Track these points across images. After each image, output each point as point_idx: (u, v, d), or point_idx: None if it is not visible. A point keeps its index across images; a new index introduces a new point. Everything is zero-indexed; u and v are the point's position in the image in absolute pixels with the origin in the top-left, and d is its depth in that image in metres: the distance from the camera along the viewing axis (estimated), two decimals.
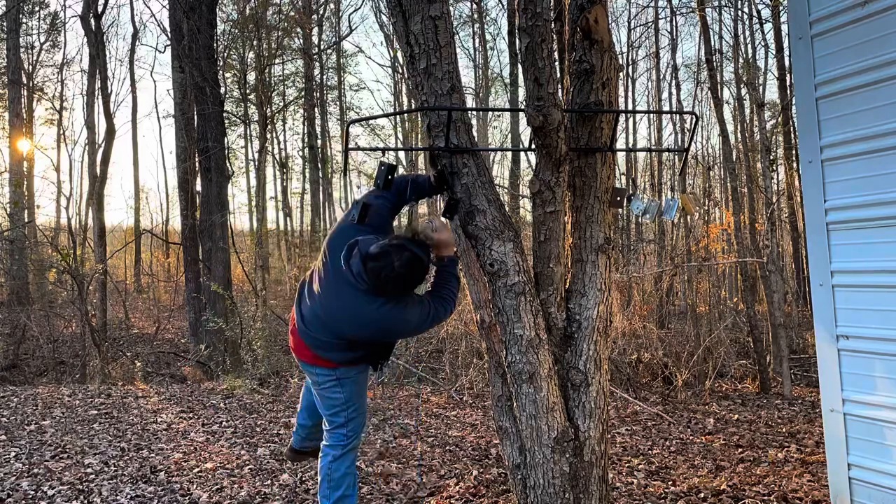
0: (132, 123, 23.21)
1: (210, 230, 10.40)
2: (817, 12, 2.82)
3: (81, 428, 5.39)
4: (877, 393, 2.67)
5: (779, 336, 7.04)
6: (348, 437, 2.93)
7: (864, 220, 2.69)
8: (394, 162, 2.81)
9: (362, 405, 2.97)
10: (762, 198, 9.79)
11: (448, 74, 2.82)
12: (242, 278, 14.62)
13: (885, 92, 2.61)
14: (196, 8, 10.36)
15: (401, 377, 7.95)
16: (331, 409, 2.91)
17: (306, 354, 2.85)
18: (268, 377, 7.69)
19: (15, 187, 16.81)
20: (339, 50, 21.24)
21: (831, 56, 2.78)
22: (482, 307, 2.89)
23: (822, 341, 2.86)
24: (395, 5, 2.84)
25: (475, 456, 4.65)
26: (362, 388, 2.97)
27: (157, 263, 22.86)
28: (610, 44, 2.80)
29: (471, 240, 2.84)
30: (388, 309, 2.59)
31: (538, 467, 2.77)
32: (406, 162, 15.94)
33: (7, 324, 12.36)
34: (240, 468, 4.35)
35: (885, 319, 2.63)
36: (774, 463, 4.32)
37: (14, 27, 16.96)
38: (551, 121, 2.58)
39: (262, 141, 17.11)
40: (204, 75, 10.28)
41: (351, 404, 2.90)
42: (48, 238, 14.87)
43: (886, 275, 2.63)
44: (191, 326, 10.94)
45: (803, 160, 2.94)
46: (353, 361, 2.84)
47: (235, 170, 20.21)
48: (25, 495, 3.82)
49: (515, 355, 2.74)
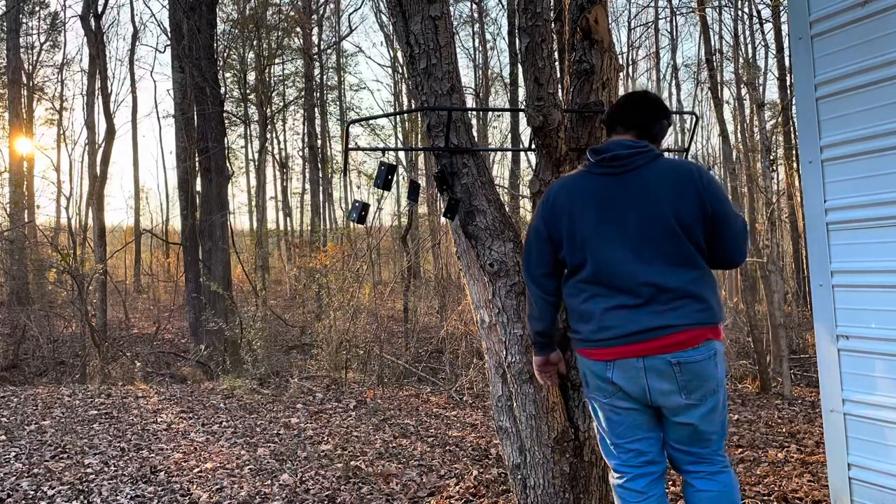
0: (132, 123, 23.21)
1: (210, 230, 10.40)
2: (817, 12, 2.82)
3: (81, 428, 5.39)
4: (877, 393, 2.67)
5: (779, 336, 7.04)
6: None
7: (864, 220, 2.69)
8: (394, 162, 2.81)
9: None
10: (762, 198, 9.78)
11: (448, 74, 2.82)
12: (242, 278, 14.63)
13: (885, 92, 2.61)
14: (196, 8, 10.37)
15: (401, 377, 7.95)
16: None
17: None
18: (268, 377, 7.69)
19: (15, 187, 16.80)
20: (339, 50, 21.26)
21: (831, 56, 2.78)
22: (482, 307, 2.89)
23: (822, 341, 2.87)
24: (395, 5, 2.84)
25: (475, 456, 4.65)
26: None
27: (157, 263, 22.86)
28: (610, 44, 2.80)
29: (471, 240, 2.84)
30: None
31: (538, 467, 2.77)
32: (406, 162, 15.95)
33: (7, 324, 12.36)
34: (240, 468, 4.35)
35: (886, 319, 2.63)
36: (774, 463, 4.32)
37: (14, 27, 16.95)
38: (551, 121, 2.58)
39: (262, 141, 17.12)
40: (204, 75, 10.28)
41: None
42: (48, 238, 14.88)
43: (886, 275, 2.63)
44: (191, 326, 10.95)
45: (803, 160, 2.94)
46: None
47: (235, 170, 20.23)
48: (25, 495, 3.82)
49: (515, 355, 2.74)
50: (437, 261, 13.15)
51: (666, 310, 2.08)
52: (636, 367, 2.12)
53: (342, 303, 8.65)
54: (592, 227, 2.19)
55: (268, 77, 17.83)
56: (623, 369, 2.15)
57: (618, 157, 2.19)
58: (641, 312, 2.10)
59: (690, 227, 2.11)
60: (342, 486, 3.98)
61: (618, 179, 2.19)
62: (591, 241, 2.19)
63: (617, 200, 2.17)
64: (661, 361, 2.08)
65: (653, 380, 2.11)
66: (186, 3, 10.39)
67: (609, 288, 2.16)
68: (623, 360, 2.14)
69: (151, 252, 23.58)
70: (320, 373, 7.96)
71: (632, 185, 2.17)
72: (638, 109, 2.31)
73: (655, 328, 2.08)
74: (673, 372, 2.08)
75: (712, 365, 2.10)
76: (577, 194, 2.25)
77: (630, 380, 2.14)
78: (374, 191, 15.30)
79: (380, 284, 12.45)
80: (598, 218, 2.19)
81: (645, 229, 2.12)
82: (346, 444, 4.91)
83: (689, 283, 2.10)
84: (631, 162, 2.18)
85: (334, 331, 8.19)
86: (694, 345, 2.07)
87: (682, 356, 2.07)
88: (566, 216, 2.24)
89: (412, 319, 10.60)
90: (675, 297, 2.09)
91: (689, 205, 2.11)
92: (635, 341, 2.11)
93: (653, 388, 2.12)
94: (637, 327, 2.10)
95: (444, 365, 8.18)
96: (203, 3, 10.45)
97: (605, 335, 2.16)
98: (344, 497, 3.79)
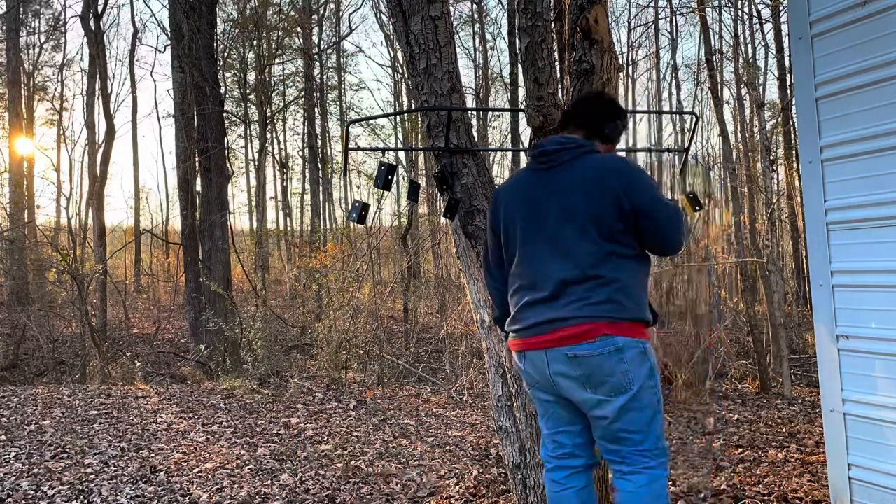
0: (132, 123, 23.18)
1: (210, 230, 10.40)
2: (817, 12, 2.82)
3: (81, 428, 5.39)
4: (877, 393, 2.67)
5: (779, 336, 7.04)
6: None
7: (864, 220, 2.69)
8: (394, 162, 2.81)
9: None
10: (762, 198, 9.79)
11: (448, 74, 2.82)
12: (242, 278, 14.63)
13: (886, 92, 2.61)
14: (196, 8, 10.37)
15: (401, 377, 7.95)
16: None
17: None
18: (268, 377, 7.69)
19: (15, 187, 16.80)
20: (339, 50, 21.25)
21: (831, 56, 2.78)
22: (482, 307, 2.89)
23: (822, 341, 2.86)
24: (395, 5, 2.84)
25: (475, 456, 4.65)
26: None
27: (157, 263, 22.85)
28: (610, 44, 2.80)
29: (471, 240, 2.84)
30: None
31: (538, 467, 2.77)
32: (406, 162, 15.94)
33: (7, 324, 12.36)
34: (240, 468, 4.35)
35: (886, 319, 2.63)
36: (774, 463, 4.32)
37: (14, 27, 16.95)
38: (551, 121, 2.58)
39: (262, 141, 17.13)
40: (204, 75, 10.28)
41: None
42: (48, 238, 14.87)
43: (886, 275, 2.63)
44: (191, 326, 10.94)
45: (803, 160, 2.94)
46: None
47: (235, 170, 20.22)
48: (25, 495, 3.82)
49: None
50: (437, 261, 13.15)
51: (567, 303, 2.12)
52: (541, 358, 2.18)
53: (342, 303, 8.65)
54: (519, 222, 2.28)
55: (268, 77, 17.84)
56: (532, 361, 2.23)
57: (545, 153, 2.25)
58: (548, 306, 2.16)
59: (604, 223, 2.13)
60: (342, 486, 3.98)
61: (545, 175, 2.25)
62: (517, 235, 2.28)
63: (540, 196, 2.24)
64: (560, 354, 2.13)
65: (555, 373, 2.16)
66: (186, 3, 10.39)
67: (528, 282, 2.23)
68: (531, 351, 2.22)
69: (151, 252, 23.57)
70: (320, 373, 7.96)
71: (555, 180, 2.22)
72: (590, 109, 2.34)
73: (553, 320, 2.13)
74: (571, 365, 2.12)
75: (615, 360, 2.08)
76: (513, 189, 2.35)
77: (539, 372, 2.22)
78: (374, 191, 15.29)
79: (380, 284, 12.44)
80: (524, 213, 2.26)
81: (560, 225, 2.17)
82: (346, 444, 4.91)
83: (597, 278, 2.12)
84: (557, 157, 2.22)
85: (334, 331, 8.19)
86: (589, 338, 2.08)
87: (577, 349, 2.09)
88: (503, 210, 2.34)
89: (412, 319, 10.60)
90: (582, 291, 2.11)
91: (603, 200, 2.13)
92: (536, 333, 2.18)
93: (557, 382, 2.18)
94: (539, 319, 2.17)
95: (444, 365, 8.18)
96: (203, 3, 10.45)
97: (516, 326, 2.27)
98: (344, 497, 3.79)
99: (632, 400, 2.12)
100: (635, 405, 2.12)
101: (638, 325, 2.16)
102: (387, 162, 2.79)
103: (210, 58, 10.68)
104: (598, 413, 2.16)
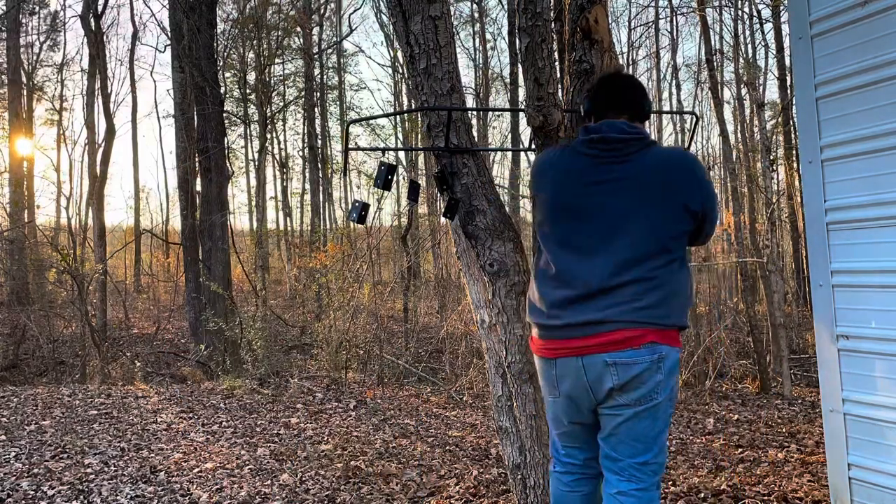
0: (132, 123, 23.19)
1: (210, 230, 10.40)
2: (817, 12, 2.82)
3: (81, 428, 5.39)
4: (877, 393, 2.67)
5: (779, 336, 7.04)
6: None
7: (864, 220, 2.69)
8: (394, 162, 2.81)
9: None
10: (762, 198, 9.79)
11: (448, 74, 2.82)
12: (242, 278, 14.63)
13: (886, 92, 2.60)
14: (196, 8, 10.36)
15: (401, 377, 7.95)
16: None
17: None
18: (268, 377, 7.69)
19: (15, 187, 16.80)
20: (339, 50, 21.24)
21: (831, 56, 2.78)
22: (482, 307, 2.89)
23: (822, 341, 2.86)
24: (395, 5, 2.84)
25: (475, 456, 4.65)
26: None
27: (157, 263, 22.85)
28: (610, 44, 2.80)
29: (471, 240, 2.84)
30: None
31: (538, 467, 2.77)
32: (406, 162, 15.95)
33: (7, 324, 12.36)
34: (240, 468, 4.35)
35: (886, 319, 2.63)
36: (774, 463, 4.32)
37: (14, 27, 16.95)
38: (551, 121, 2.58)
39: (262, 141, 17.12)
40: (204, 75, 10.28)
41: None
42: (48, 238, 14.88)
43: (886, 275, 2.62)
44: (191, 326, 10.94)
45: (803, 160, 2.94)
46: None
47: (235, 170, 20.22)
48: (25, 495, 3.82)
49: (515, 355, 2.74)
50: (437, 261, 13.16)
51: (611, 304, 1.97)
52: (576, 365, 2.02)
53: (342, 303, 8.65)
54: (564, 208, 2.11)
55: (268, 77, 17.84)
56: (564, 367, 2.06)
57: (608, 140, 2.07)
58: (588, 305, 2.00)
59: (672, 223, 2.02)
60: (342, 486, 3.98)
61: (605, 162, 2.08)
62: (558, 220, 2.12)
63: (602, 185, 2.06)
64: (597, 360, 1.98)
65: (592, 381, 2.01)
66: (186, 3, 10.38)
67: (566, 275, 2.06)
68: (563, 358, 2.05)
69: (151, 252, 23.57)
70: (320, 373, 7.95)
71: (619, 171, 2.05)
72: (627, 91, 2.20)
73: (594, 322, 1.98)
74: (608, 373, 1.98)
75: (654, 369, 1.97)
76: (565, 170, 2.15)
77: (570, 379, 2.06)
78: (374, 191, 15.28)
79: (380, 284, 12.44)
80: (574, 200, 2.09)
81: (617, 219, 2.02)
82: (346, 444, 4.91)
83: (651, 280, 1.98)
84: (624, 148, 2.06)
85: (334, 331, 8.19)
86: (634, 345, 1.95)
87: (618, 356, 1.95)
88: (549, 186, 2.17)
89: (412, 319, 10.60)
90: (631, 293, 1.97)
91: (676, 199, 2.02)
92: (571, 336, 2.01)
93: (593, 389, 2.03)
94: (576, 319, 2.00)
95: (444, 365, 8.18)
96: (203, 3, 10.45)
97: (544, 321, 2.09)
98: (344, 497, 3.79)
99: (651, 409, 2.02)
100: (650, 415, 2.03)
101: (678, 332, 2.05)
102: (387, 162, 2.79)
103: (210, 58, 10.68)
104: (611, 412, 2.05)
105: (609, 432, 2.09)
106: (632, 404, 2.01)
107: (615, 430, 2.07)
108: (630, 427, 2.04)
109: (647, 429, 2.04)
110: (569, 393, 2.10)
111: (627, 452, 2.07)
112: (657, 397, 2.01)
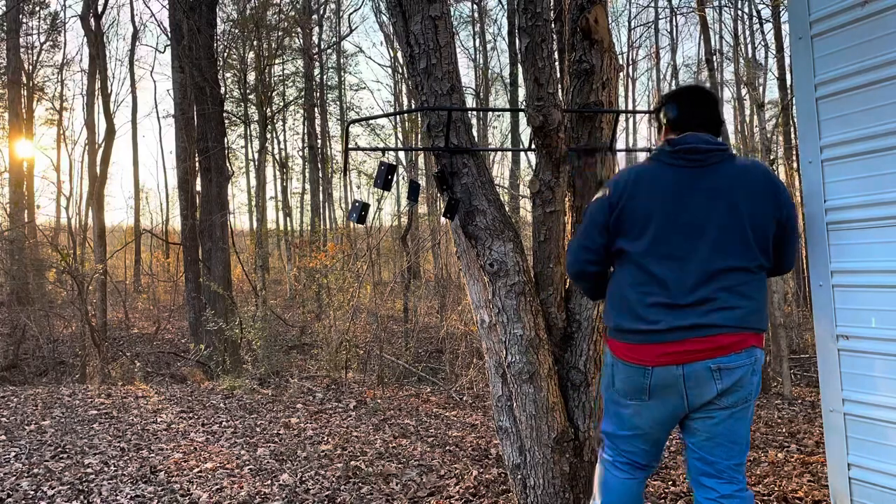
0: (132, 123, 23.20)
1: (210, 230, 10.40)
2: (817, 12, 2.82)
3: (81, 428, 5.39)
4: (877, 393, 2.66)
5: (779, 336, 7.04)
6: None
7: (864, 220, 2.69)
8: (394, 162, 2.81)
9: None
10: None
11: (448, 74, 2.82)
12: (242, 278, 14.64)
13: (886, 92, 2.60)
14: (196, 8, 10.37)
15: (401, 377, 7.95)
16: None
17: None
18: (268, 377, 7.69)
19: (15, 187, 16.80)
20: (339, 50, 21.26)
21: (831, 56, 2.78)
22: (482, 307, 2.89)
23: (822, 341, 2.86)
24: (395, 5, 2.84)
25: (475, 456, 4.65)
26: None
27: (157, 263, 22.86)
28: (610, 44, 2.80)
29: (471, 240, 2.84)
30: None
31: (538, 467, 2.77)
32: (406, 162, 15.93)
33: (7, 324, 12.36)
34: (240, 468, 4.35)
35: (886, 319, 2.63)
36: (774, 463, 4.31)
37: (14, 27, 16.95)
38: (551, 121, 2.58)
39: (262, 141, 17.12)
40: (204, 75, 10.28)
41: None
42: (48, 238, 14.89)
43: (886, 275, 2.62)
44: (191, 326, 10.95)
45: (803, 160, 2.93)
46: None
47: (235, 170, 20.23)
48: (25, 495, 3.82)
49: (515, 355, 2.74)
50: (437, 261, 13.15)
51: (713, 309, 2.02)
52: (675, 372, 2.04)
53: (342, 303, 8.65)
54: (659, 217, 2.12)
55: (268, 77, 17.82)
56: (660, 378, 2.06)
57: (696, 151, 2.15)
58: (690, 311, 2.04)
59: (761, 231, 2.11)
60: (342, 486, 3.98)
61: (693, 172, 2.15)
62: (651, 228, 2.13)
63: (693, 194, 2.12)
64: (702, 366, 2.01)
65: (691, 387, 2.04)
66: (186, 3, 10.39)
67: (665, 280, 2.08)
68: (661, 367, 2.05)
69: (151, 252, 23.57)
70: (320, 373, 7.96)
71: (708, 181, 2.13)
72: (713, 108, 2.29)
73: (699, 326, 2.02)
74: (712, 378, 2.02)
75: (751, 372, 2.06)
76: (653, 181, 2.18)
77: (664, 385, 2.06)
78: (374, 191, 15.29)
79: (380, 284, 12.45)
80: (669, 209, 2.12)
81: (716, 227, 2.08)
82: (346, 444, 4.91)
83: (747, 285, 2.08)
84: (709, 157, 2.15)
85: (334, 331, 8.19)
86: (737, 349, 2.02)
87: (723, 361, 2.01)
88: (640, 199, 2.16)
89: (412, 319, 10.60)
90: (732, 299, 2.04)
91: (765, 209, 2.12)
92: (673, 339, 2.03)
93: (689, 396, 2.06)
94: (679, 323, 2.03)
95: (444, 365, 8.18)
96: (203, 3, 10.45)
97: (640, 326, 2.08)
98: (344, 497, 3.79)
99: (745, 409, 2.09)
100: (745, 416, 2.10)
101: (763, 336, 2.14)
102: (387, 162, 2.79)
103: (210, 58, 10.69)
104: (706, 416, 2.08)
105: (706, 436, 2.13)
106: (729, 406, 2.07)
107: (711, 433, 2.12)
108: (728, 429, 2.11)
109: (743, 430, 2.13)
110: (661, 402, 2.11)
111: (724, 455, 2.13)
112: (752, 398, 2.11)
